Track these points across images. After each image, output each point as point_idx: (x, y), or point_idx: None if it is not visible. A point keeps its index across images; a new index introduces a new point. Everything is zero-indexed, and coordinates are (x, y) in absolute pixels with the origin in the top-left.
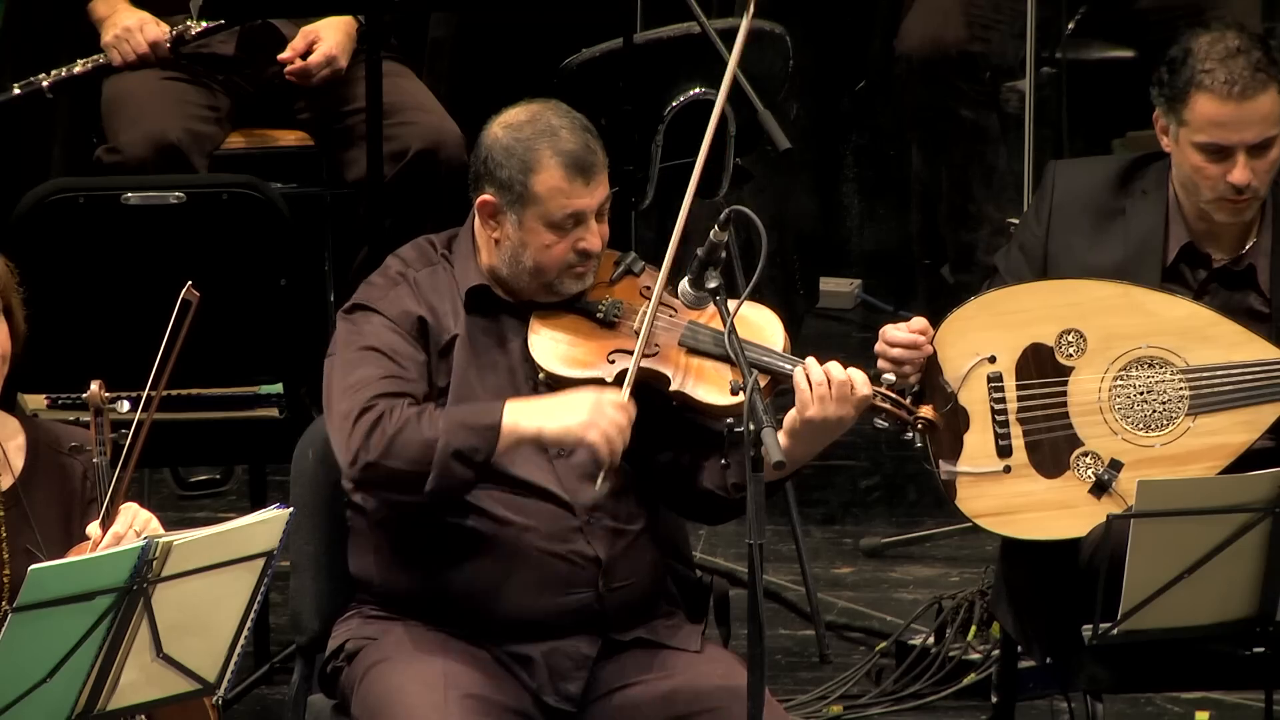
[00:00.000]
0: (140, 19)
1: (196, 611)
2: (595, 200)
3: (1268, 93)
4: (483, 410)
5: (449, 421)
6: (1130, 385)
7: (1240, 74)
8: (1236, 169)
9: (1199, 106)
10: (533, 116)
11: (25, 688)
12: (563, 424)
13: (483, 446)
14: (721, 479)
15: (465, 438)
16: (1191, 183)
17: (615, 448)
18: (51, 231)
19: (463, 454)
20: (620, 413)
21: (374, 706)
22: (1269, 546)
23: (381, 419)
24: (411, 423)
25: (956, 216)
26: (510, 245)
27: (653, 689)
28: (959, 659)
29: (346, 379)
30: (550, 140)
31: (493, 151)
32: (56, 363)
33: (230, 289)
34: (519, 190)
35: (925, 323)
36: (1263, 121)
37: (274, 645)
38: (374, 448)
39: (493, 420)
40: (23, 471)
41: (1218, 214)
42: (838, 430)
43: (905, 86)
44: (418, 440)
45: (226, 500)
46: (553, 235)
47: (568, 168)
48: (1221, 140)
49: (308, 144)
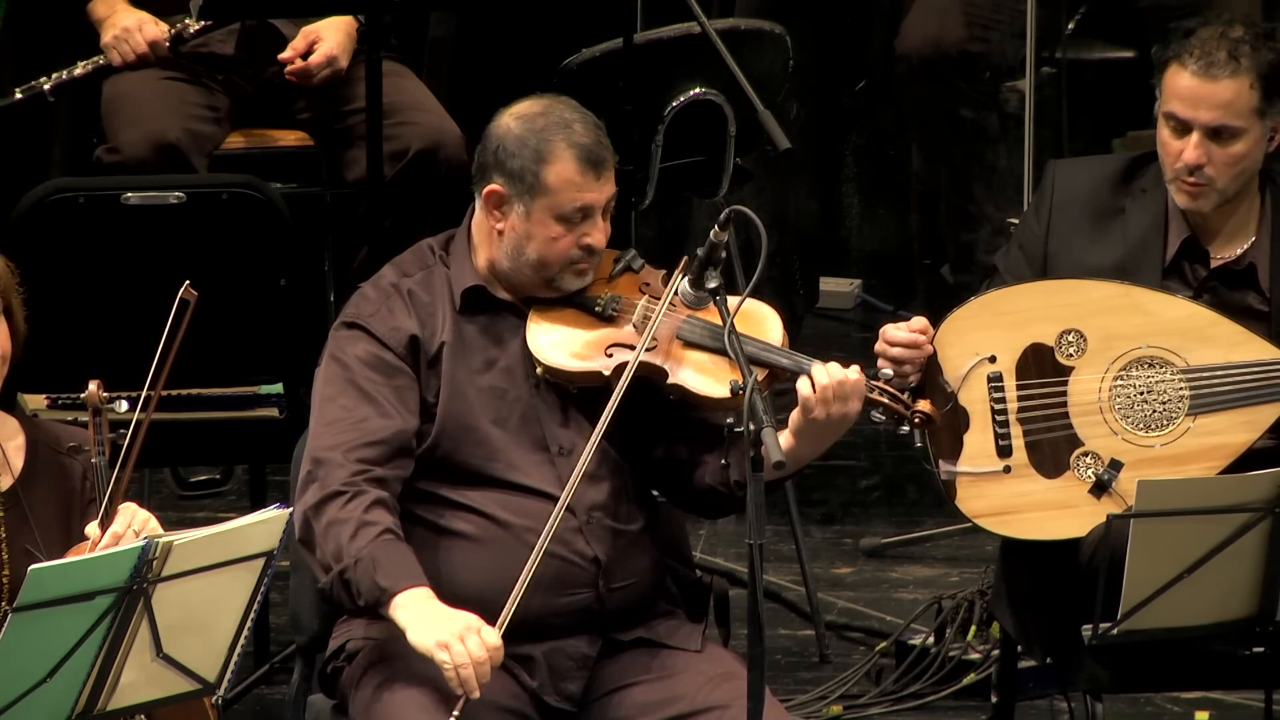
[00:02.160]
0: (139, 19)
1: (196, 611)
2: (604, 195)
3: (1235, 80)
4: (397, 571)
5: (368, 556)
6: (1130, 385)
7: (1214, 54)
8: (1189, 147)
9: (1173, 77)
10: (546, 109)
11: (25, 687)
12: (421, 636)
13: (365, 596)
14: (722, 475)
15: (361, 577)
16: (1161, 160)
17: (465, 675)
18: (51, 231)
19: (349, 587)
20: (483, 650)
21: (371, 708)
22: (1269, 546)
23: (338, 498)
24: (349, 525)
25: (956, 216)
26: (514, 237)
27: (653, 689)
28: (959, 659)
29: (325, 410)
30: (565, 132)
31: (505, 141)
32: (56, 363)
33: (230, 289)
34: (530, 180)
35: (925, 322)
36: (1223, 107)
37: (274, 645)
38: (321, 519)
39: (391, 586)
40: (22, 471)
41: (1177, 195)
42: (842, 427)
43: (905, 86)
44: (339, 544)
45: (226, 500)
46: (560, 228)
47: (581, 160)
48: (1180, 113)
49: (307, 144)
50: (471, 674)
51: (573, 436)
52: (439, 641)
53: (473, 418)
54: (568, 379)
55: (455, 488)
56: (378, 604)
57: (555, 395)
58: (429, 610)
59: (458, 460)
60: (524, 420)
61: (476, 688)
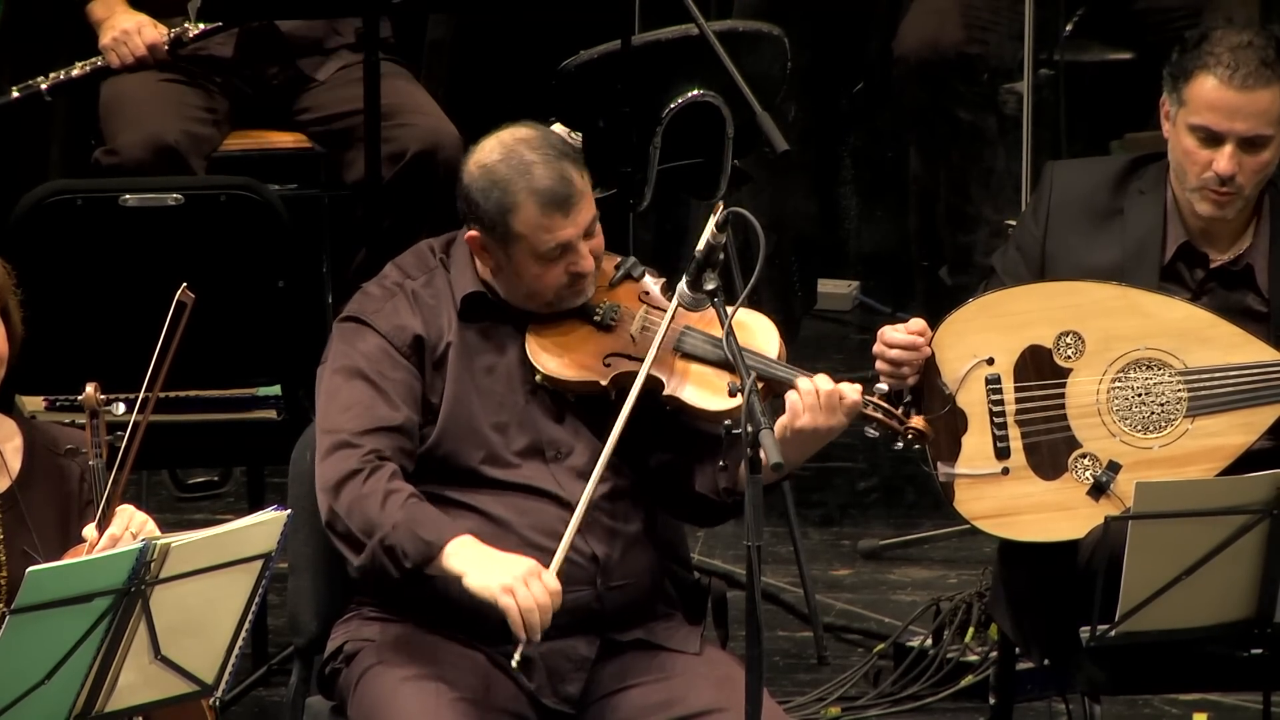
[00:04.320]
0: (138, 21)
1: (194, 613)
2: (579, 228)
3: (1269, 89)
4: (436, 527)
5: (404, 517)
6: (1128, 387)
7: (1246, 63)
8: (1223, 158)
9: (1200, 87)
10: (506, 154)
11: (23, 689)
12: (484, 580)
13: (414, 556)
14: (714, 483)
15: (404, 539)
16: (1181, 168)
17: (531, 620)
18: (49, 233)
19: (394, 552)
20: (545, 594)
21: (369, 710)
22: (1267, 548)
23: (359, 474)
24: (375, 498)
25: (954, 218)
26: (505, 274)
27: (652, 691)
28: (957, 661)
29: (334, 400)
30: (524, 179)
31: (471, 191)
32: (54, 364)
33: (228, 291)
34: (502, 230)
35: (923, 324)
36: (1258, 116)
37: (272, 647)
38: (341, 499)
39: (437, 539)
40: (20, 473)
41: (1200, 204)
42: (827, 438)
43: (903, 88)
44: (371, 517)
45: (224, 502)
46: (541, 266)
47: (544, 205)
48: (1214, 125)
49: (306, 146)
50: (536, 618)
51: (569, 439)
52: (503, 586)
53: (474, 420)
54: (566, 387)
55: (455, 488)
56: (426, 561)
57: (552, 399)
58: (484, 555)
59: (458, 461)
60: (522, 424)
61: (540, 630)
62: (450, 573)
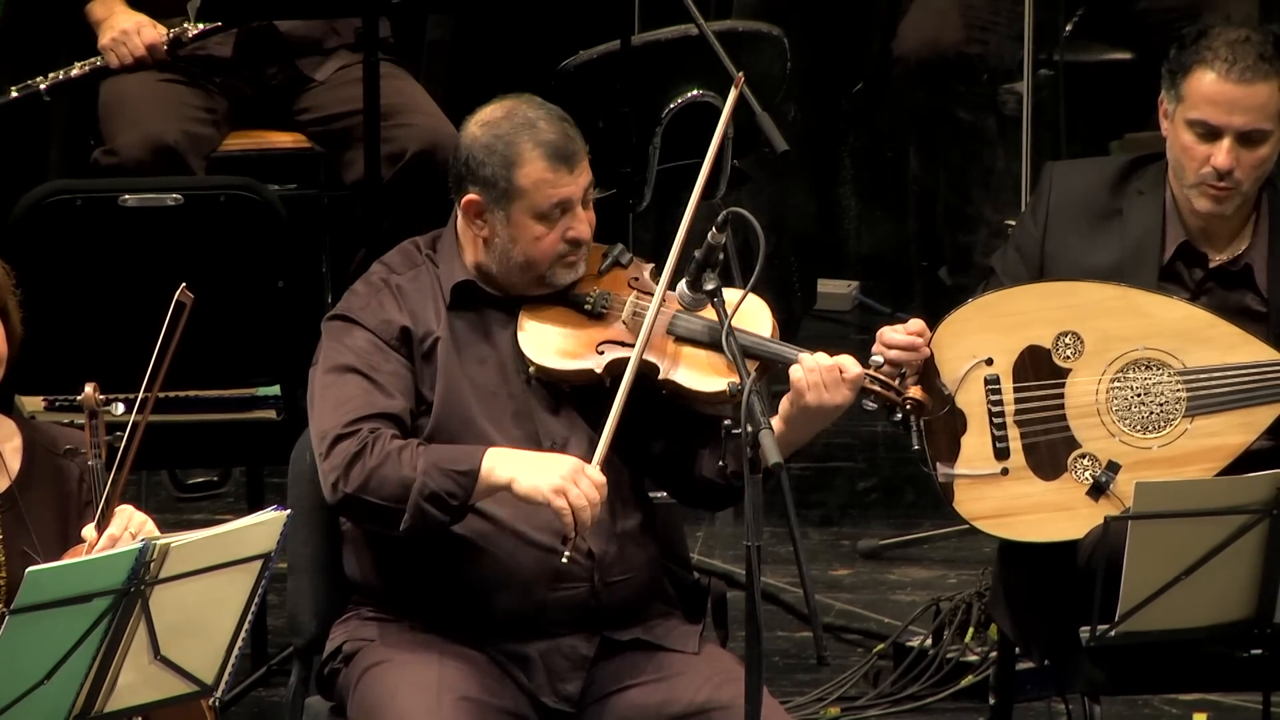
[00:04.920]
0: (137, 22)
1: (194, 613)
2: (580, 186)
3: (1267, 83)
4: (462, 454)
5: (427, 462)
6: (1127, 387)
7: (1244, 57)
8: (1221, 153)
9: (1199, 82)
10: (508, 112)
11: (23, 689)
12: (533, 482)
13: (458, 492)
14: (717, 468)
15: (441, 481)
16: (1179, 165)
17: (583, 518)
18: (49, 233)
19: (439, 497)
20: (593, 489)
21: (369, 710)
22: (1267, 548)
23: (363, 451)
24: (392, 459)
25: (954, 218)
26: (500, 243)
27: (651, 690)
28: (956, 661)
29: (327, 397)
30: (529, 133)
31: (473, 151)
32: (54, 364)
33: (228, 291)
34: (504, 186)
35: (922, 324)
36: (1256, 110)
37: (271, 647)
38: (353, 480)
39: (471, 465)
40: (19, 474)
41: (1198, 200)
42: (832, 416)
43: (903, 89)
44: (396, 477)
45: (224, 502)
46: (541, 227)
47: (550, 157)
48: (1213, 119)
49: (305, 146)
50: (588, 514)
51: (565, 430)
52: (554, 487)
53: (468, 412)
54: (560, 378)
55: None
56: (470, 489)
57: (547, 390)
58: (525, 459)
59: None
60: (517, 415)
61: (589, 526)
62: (497, 485)
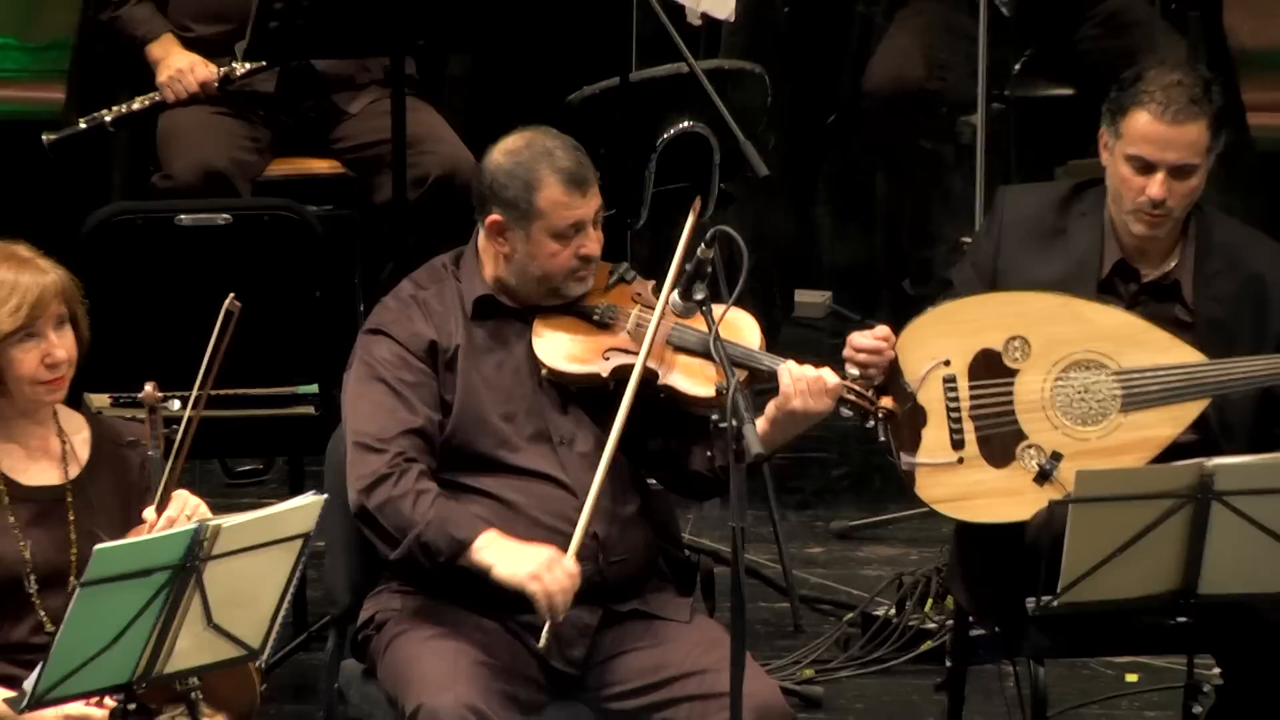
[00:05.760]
0: (191, 61)
1: (242, 586)
2: (591, 208)
3: (1197, 124)
4: (465, 523)
5: (436, 514)
6: (1069, 385)
7: (1176, 100)
8: (1155, 185)
9: (1136, 122)
10: (529, 142)
11: (92, 653)
12: (512, 570)
13: (446, 552)
14: (707, 462)
15: (437, 536)
16: (1118, 193)
17: (555, 603)
18: (113, 249)
19: (428, 548)
20: (566, 578)
21: (395, 672)
22: (1191, 528)
23: (390, 476)
24: (407, 499)
25: (917, 236)
26: (519, 258)
27: (647, 655)
28: (917, 628)
29: (359, 406)
30: (548, 160)
31: (496, 176)
32: (118, 366)
33: (271, 300)
34: (525, 207)
35: (888, 330)
36: (1187, 147)
37: (310, 616)
38: (374, 499)
39: (466, 536)
40: (88, 463)
41: (1134, 224)
42: (813, 420)
43: (871, 120)
44: (406, 514)
45: (268, 488)
46: (557, 244)
47: (566, 183)
48: (1148, 155)
49: (340, 171)
50: (560, 600)
51: (573, 427)
52: (530, 574)
53: (484, 411)
54: (570, 380)
55: (469, 474)
56: (458, 555)
57: (557, 391)
58: (509, 548)
59: (471, 449)
60: (529, 413)
61: (563, 611)
62: (480, 565)
